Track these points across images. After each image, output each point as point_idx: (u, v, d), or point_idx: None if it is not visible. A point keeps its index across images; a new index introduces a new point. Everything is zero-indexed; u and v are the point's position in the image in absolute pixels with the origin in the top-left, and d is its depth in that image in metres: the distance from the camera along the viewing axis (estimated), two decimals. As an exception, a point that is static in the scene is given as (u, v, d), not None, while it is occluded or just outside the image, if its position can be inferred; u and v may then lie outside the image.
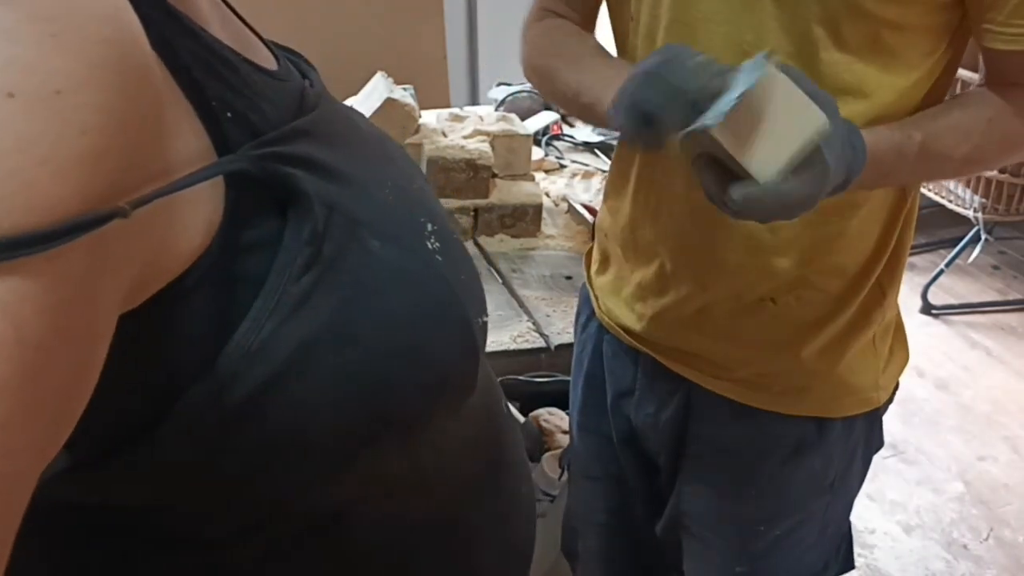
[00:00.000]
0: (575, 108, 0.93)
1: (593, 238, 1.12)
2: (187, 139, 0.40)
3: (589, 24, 0.99)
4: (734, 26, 0.80)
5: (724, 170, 0.69)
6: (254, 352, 0.41)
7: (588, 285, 1.11)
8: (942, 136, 0.80)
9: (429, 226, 0.52)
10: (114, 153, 0.33)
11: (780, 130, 0.66)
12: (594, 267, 1.09)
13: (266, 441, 0.43)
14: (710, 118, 0.65)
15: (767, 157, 0.66)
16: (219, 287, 0.41)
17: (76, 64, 0.32)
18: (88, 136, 0.32)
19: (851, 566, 1.11)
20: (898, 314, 1.00)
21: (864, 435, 1.01)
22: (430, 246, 0.51)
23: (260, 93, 0.46)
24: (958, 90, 2.24)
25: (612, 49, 0.95)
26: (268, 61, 0.53)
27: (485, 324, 0.57)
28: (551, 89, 0.95)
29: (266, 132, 0.44)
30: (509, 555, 0.64)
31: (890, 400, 1.01)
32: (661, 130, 0.70)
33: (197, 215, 0.40)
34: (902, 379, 1.03)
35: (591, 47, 0.93)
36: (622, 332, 1.03)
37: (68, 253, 0.31)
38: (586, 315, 1.12)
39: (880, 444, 1.04)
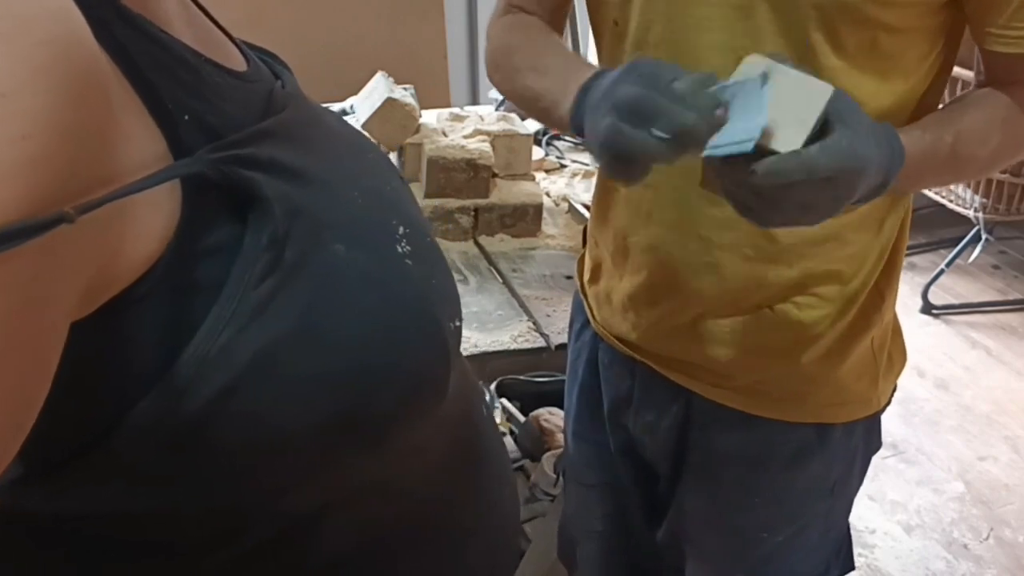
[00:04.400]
0: (534, 111, 0.91)
1: (585, 244, 1.10)
2: (141, 143, 0.40)
3: (556, 22, 0.97)
4: (729, 32, 0.79)
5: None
6: (212, 359, 0.40)
7: (581, 293, 1.09)
8: (967, 138, 0.79)
9: (401, 229, 0.52)
10: (58, 158, 0.33)
11: (791, 114, 0.63)
12: (586, 275, 1.08)
13: (228, 448, 0.42)
14: (736, 144, 0.62)
15: (785, 137, 0.63)
16: (175, 293, 0.40)
17: (18, 67, 0.31)
18: (30, 140, 0.31)
19: (851, 567, 1.11)
20: (895, 318, 0.99)
21: (864, 438, 1.00)
22: (400, 249, 0.50)
23: (222, 95, 0.45)
24: (959, 89, 2.24)
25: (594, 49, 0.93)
26: (237, 62, 0.52)
27: (458, 328, 0.57)
28: (511, 89, 0.93)
29: (226, 135, 0.44)
30: (490, 558, 0.64)
31: (888, 402, 1.01)
32: (642, 168, 0.67)
33: (152, 220, 0.40)
34: (902, 379, 1.03)
35: (551, 46, 0.91)
36: (618, 342, 1.02)
37: (13, 259, 0.31)
38: (580, 323, 1.10)
39: (879, 445, 1.04)
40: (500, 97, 2.12)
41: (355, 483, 0.51)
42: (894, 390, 1.02)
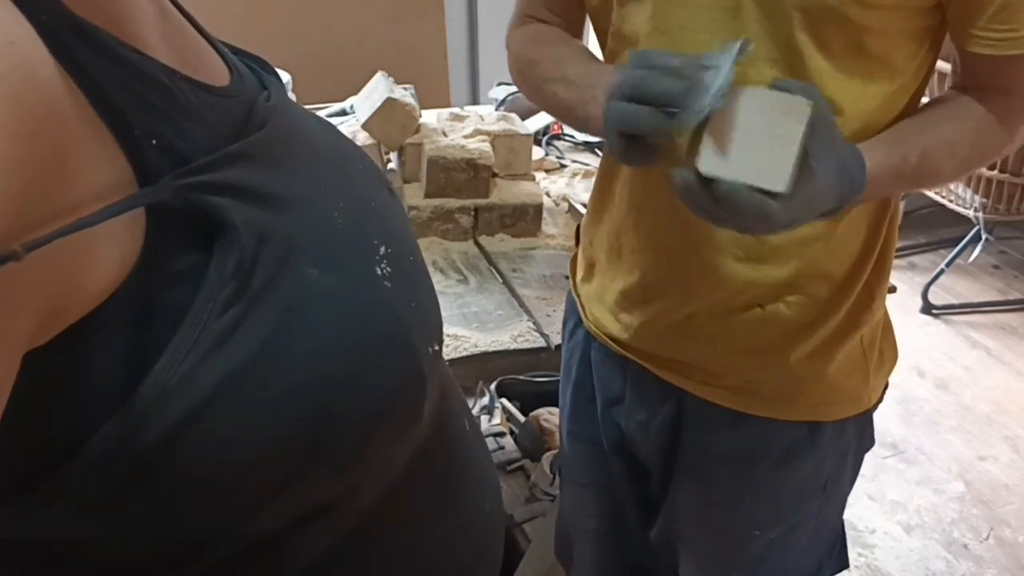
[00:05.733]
0: (569, 122, 0.93)
1: (578, 243, 1.10)
2: (103, 170, 0.38)
3: (574, 29, 0.97)
4: (717, 34, 0.79)
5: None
6: (172, 388, 0.40)
7: (574, 292, 1.10)
8: (933, 155, 0.80)
9: (382, 249, 0.51)
10: (7, 196, 0.32)
11: (769, 138, 0.65)
12: (579, 274, 1.08)
13: (188, 476, 0.42)
14: (690, 114, 0.65)
15: (768, 166, 0.65)
16: (137, 321, 0.40)
17: None
18: None
19: (845, 565, 1.11)
20: (886, 315, 1.00)
21: (856, 436, 1.01)
22: (379, 271, 0.49)
23: (195, 115, 0.44)
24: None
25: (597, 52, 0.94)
26: (218, 75, 0.51)
27: (437, 352, 0.55)
28: (541, 100, 0.94)
29: (195, 159, 0.42)
30: (472, 568, 0.63)
31: (880, 400, 1.01)
32: (651, 145, 0.69)
33: (113, 249, 0.39)
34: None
35: (573, 53, 0.92)
36: (609, 341, 1.02)
37: None
38: (573, 322, 1.11)
39: (871, 443, 1.05)
40: (500, 97, 2.12)
41: (318, 507, 0.50)
42: (886, 387, 1.02)
